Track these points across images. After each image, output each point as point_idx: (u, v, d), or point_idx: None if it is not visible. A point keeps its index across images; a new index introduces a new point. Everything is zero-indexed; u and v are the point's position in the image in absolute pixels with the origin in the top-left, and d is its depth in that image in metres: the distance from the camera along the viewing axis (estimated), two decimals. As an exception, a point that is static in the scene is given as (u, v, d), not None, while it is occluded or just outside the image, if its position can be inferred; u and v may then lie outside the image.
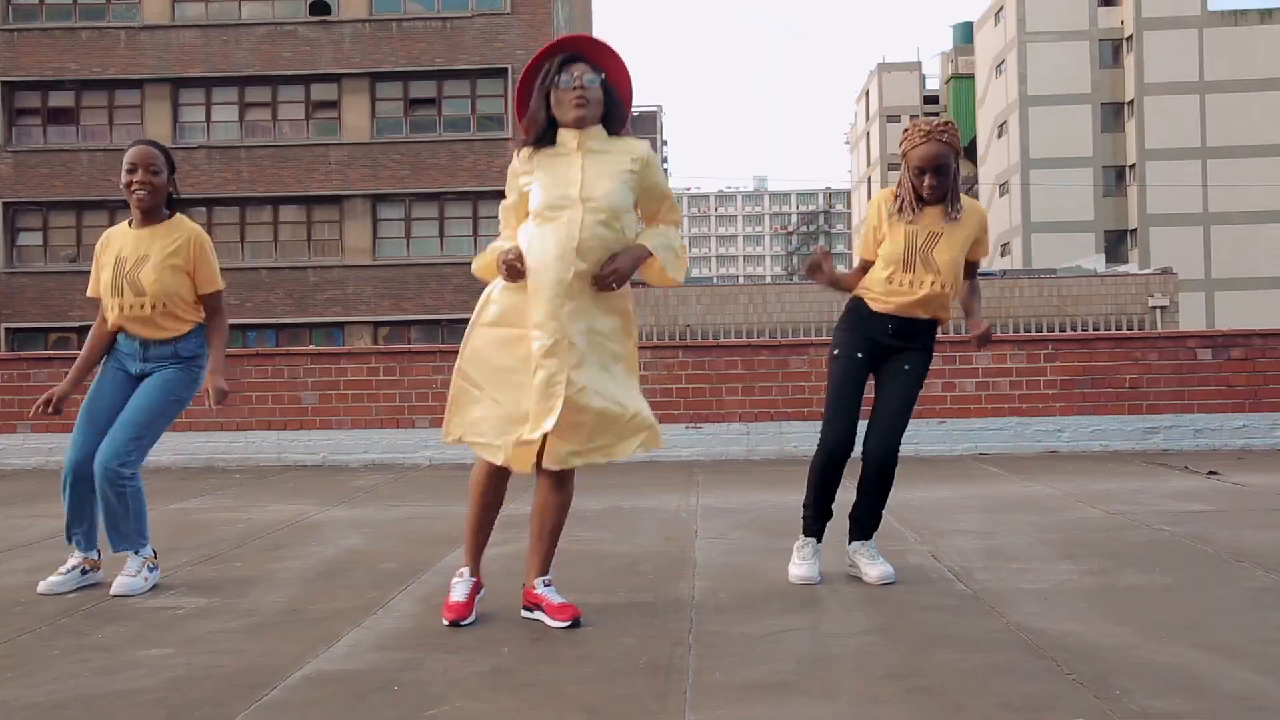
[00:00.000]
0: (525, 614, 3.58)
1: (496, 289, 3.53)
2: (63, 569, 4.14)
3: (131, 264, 4.08)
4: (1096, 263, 35.80)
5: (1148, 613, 3.52)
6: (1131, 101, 47.10)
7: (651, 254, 3.48)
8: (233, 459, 9.24)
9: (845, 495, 4.17)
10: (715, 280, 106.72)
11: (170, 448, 9.15)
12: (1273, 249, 45.34)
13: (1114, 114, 48.19)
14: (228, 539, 5.40)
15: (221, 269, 4.29)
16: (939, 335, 4.27)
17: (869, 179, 76.92)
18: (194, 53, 27.89)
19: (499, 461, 3.46)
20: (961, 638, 3.27)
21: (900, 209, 3.95)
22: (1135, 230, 47.08)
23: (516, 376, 3.43)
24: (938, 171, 3.85)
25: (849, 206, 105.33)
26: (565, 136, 3.52)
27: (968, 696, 2.73)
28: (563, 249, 3.38)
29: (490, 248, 3.57)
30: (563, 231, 3.40)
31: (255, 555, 4.94)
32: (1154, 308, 28.07)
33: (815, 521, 4.15)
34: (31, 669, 3.15)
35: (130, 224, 4.18)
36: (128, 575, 4.06)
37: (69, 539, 4.18)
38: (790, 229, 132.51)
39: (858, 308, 4.07)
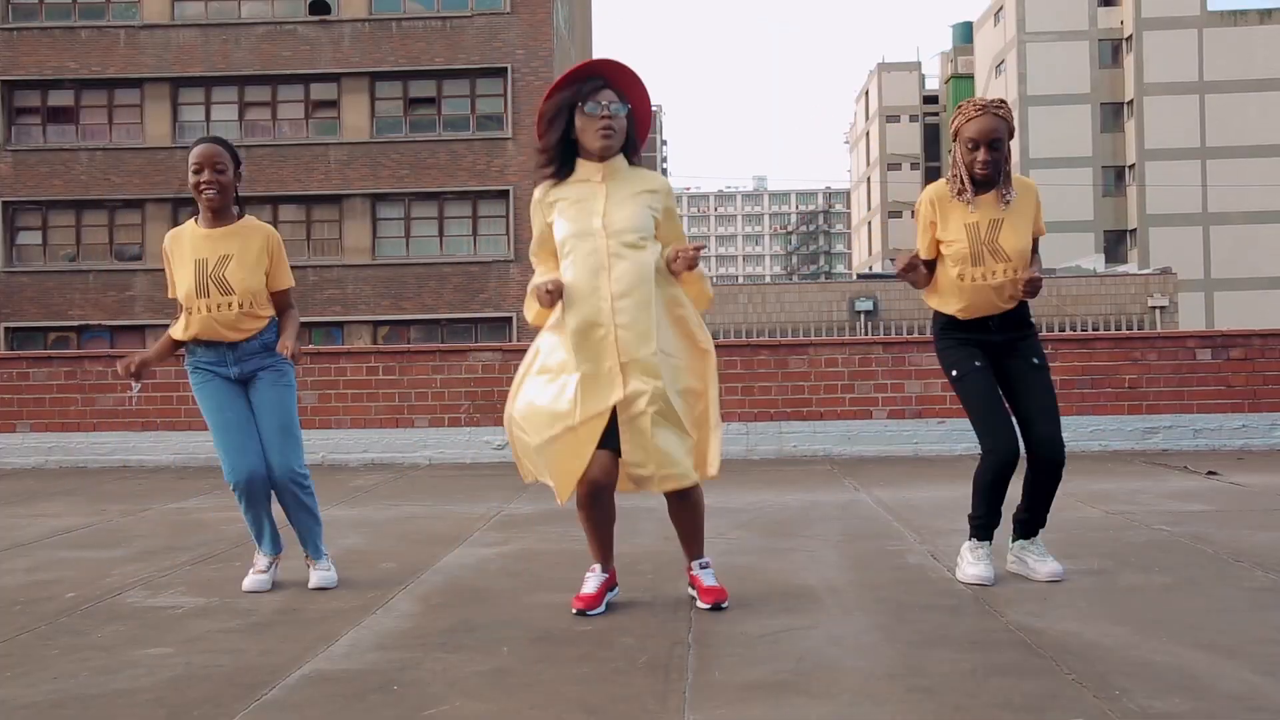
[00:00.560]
0: (689, 591, 3.77)
1: (545, 340, 3.58)
2: (260, 566, 4.26)
3: (214, 264, 4.00)
4: (1096, 263, 35.83)
5: (1147, 612, 3.52)
6: (1131, 101, 47.12)
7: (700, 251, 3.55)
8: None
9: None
10: (714, 280, 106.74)
11: (169, 447, 9.15)
12: (1272, 249, 45.36)
13: (1113, 114, 48.22)
14: (227, 538, 5.40)
15: None
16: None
17: (868, 179, 76.92)
18: (193, 52, 27.89)
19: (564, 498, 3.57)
20: (961, 637, 3.27)
21: (958, 193, 3.86)
22: (1135, 230, 47.10)
23: (568, 420, 3.48)
24: (991, 146, 3.78)
25: (848, 206, 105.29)
26: (588, 169, 3.54)
27: (967, 696, 2.73)
28: (593, 279, 3.44)
29: (531, 286, 3.61)
30: (591, 261, 3.45)
31: (255, 555, 4.93)
32: (1153, 308, 28.08)
33: (986, 530, 4.04)
34: (31, 668, 3.15)
35: (197, 222, 4.09)
36: (324, 571, 4.23)
37: (273, 546, 4.30)
38: (789, 229, 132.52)
39: (949, 324, 3.99)
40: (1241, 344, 8.95)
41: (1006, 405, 3.94)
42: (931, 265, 4.03)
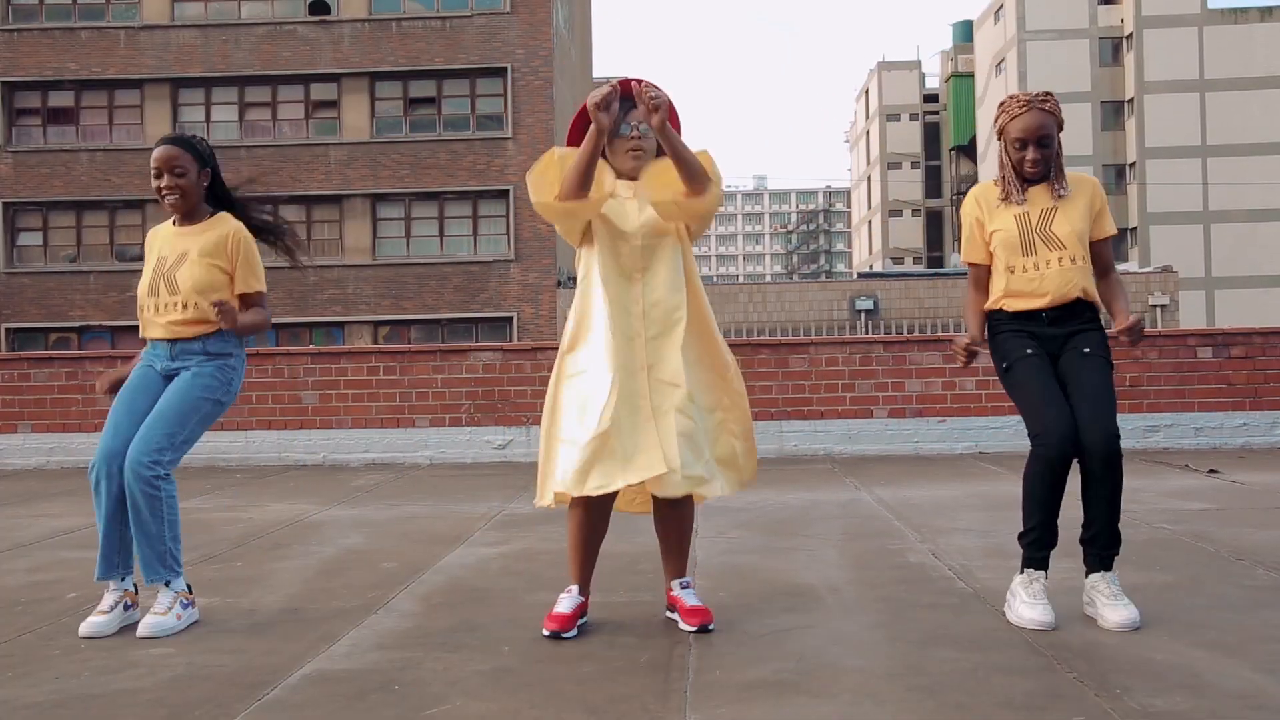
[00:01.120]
0: (668, 614, 3.56)
1: (581, 353, 3.45)
2: (103, 607, 3.65)
3: (171, 263, 3.78)
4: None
5: (1148, 611, 3.51)
6: (1131, 100, 47.09)
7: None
8: (233, 458, 9.24)
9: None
10: (715, 279, 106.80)
11: (170, 447, 9.14)
12: (1273, 247, 45.34)
13: (1114, 112, 48.19)
14: (228, 538, 5.40)
15: None
16: (940, 333, 4.16)
17: (869, 177, 76.91)
18: (193, 52, 27.89)
19: (577, 492, 3.33)
20: (962, 636, 3.27)
21: (1005, 196, 3.60)
22: (1135, 229, 47.08)
23: (599, 415, 3.33)
24: (1040, 144, 3.51)
25: (849, 205, 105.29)
26: (620, 187, 3.50)
27: (968, 695, 2.73)
28: (629, 279, 3.43)
29: (559, 153, 3.45)
30: (625, 259, 3.44)
31: (255, 555, 4.94)
32: (1154, 306, 28.06)
33: (1041, 548, 3.53)
34: (32, 668, 3.15)
35: (174, 222, 3.88)
36: (157, 613, 3.58)
37: (105, 569, 3.69)
38: (790, 228, 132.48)
39: (1001, 317, 3.65)
40: (1242, 342, 8.95)
41: (1062, 395, 3.53)
42: (981, 279, 3.74)
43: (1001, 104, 3.63)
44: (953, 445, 8.84)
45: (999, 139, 3.63)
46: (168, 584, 3.64)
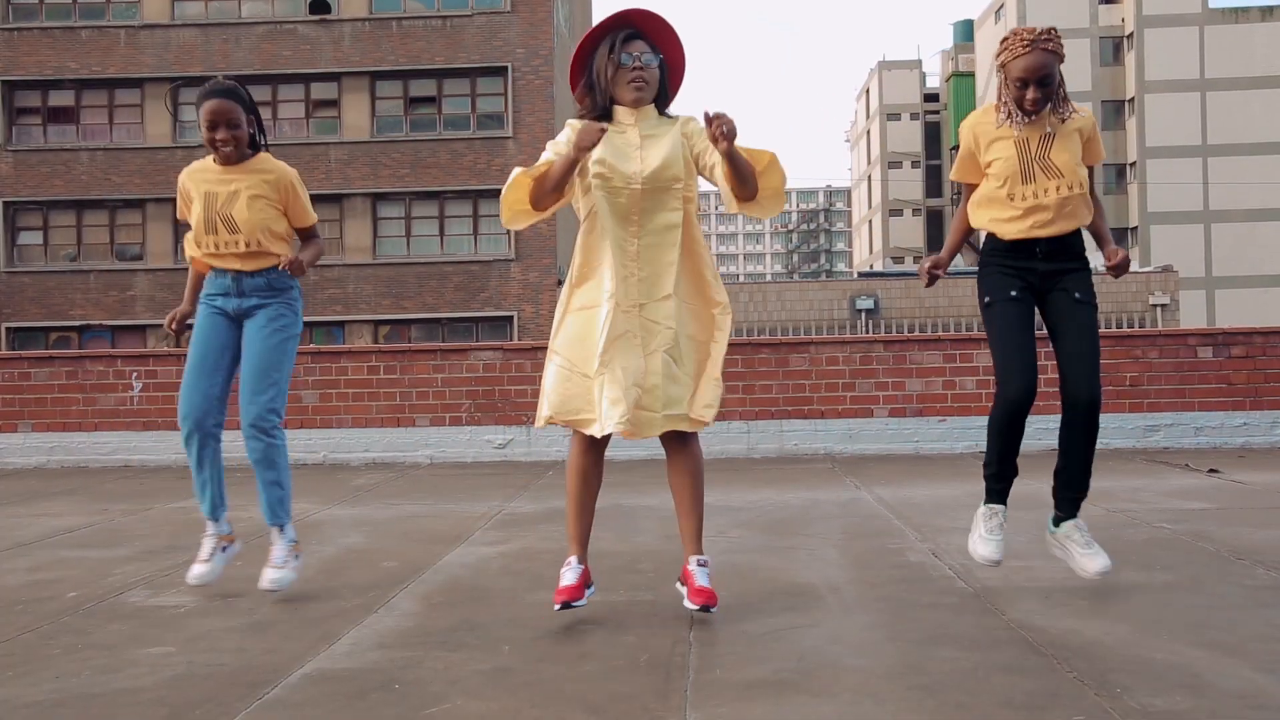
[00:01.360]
0: (679, 586, 3.61)
1: (577, 293, 3.54)
2: (203, 555, 4.03)
3: (223, 200, 3.95)
4: (1097, 261, 35.80)
5: (1148, 610, 3.51)
6: (1132, 99, 47.09)
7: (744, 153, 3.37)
8: (233, 457, 9.22)
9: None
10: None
11: (171, 447, 9.15)
12: (1273, 246, 45.34)
13: (1114, 111, 48.19)
14: (228, 538, 5.40)
15: None
16: (940, 332, 4.22)
17: (869, 177, 76.90)
18: (194, 52, 27.90)
19: (596, 432, 3.42)
20: (962, 636, 3.27)
21: (1008, 117, 3.63)
22: (1136, 228, 47.07)
23: (606, 352, 3.44)
24: (1041, 83, 3.56)
25: (849, 205, 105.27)
26: (621, 114, 3.54)
27: (968, 694, 2.73)
28: (625, 222, 3.48)
29: (538, 164, 3.51)
30: (622, 202, 3.47)
31: (256, 554, 4.94)
32: (1154, 305, 28.07)
33: (1000, 480, 3.80)
34: (33, 667, 3.15)
35: (214, 159, 4.02)
36: (275, 567, 3.92)
37: (210, 510, 4.05)
38: (790, 227, 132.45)
39: (995, 244, 3.72)
40: (1243, 341, 8.95)
41: (1033, 342, 3.69)
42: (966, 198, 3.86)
43: (1004, 40, 3.66)
44: (953, 445, 8.84)
45: (999, 73, 3.66)
46: (282, 529, 4.01)
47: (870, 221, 76.33)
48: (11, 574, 4.55)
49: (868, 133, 77.63)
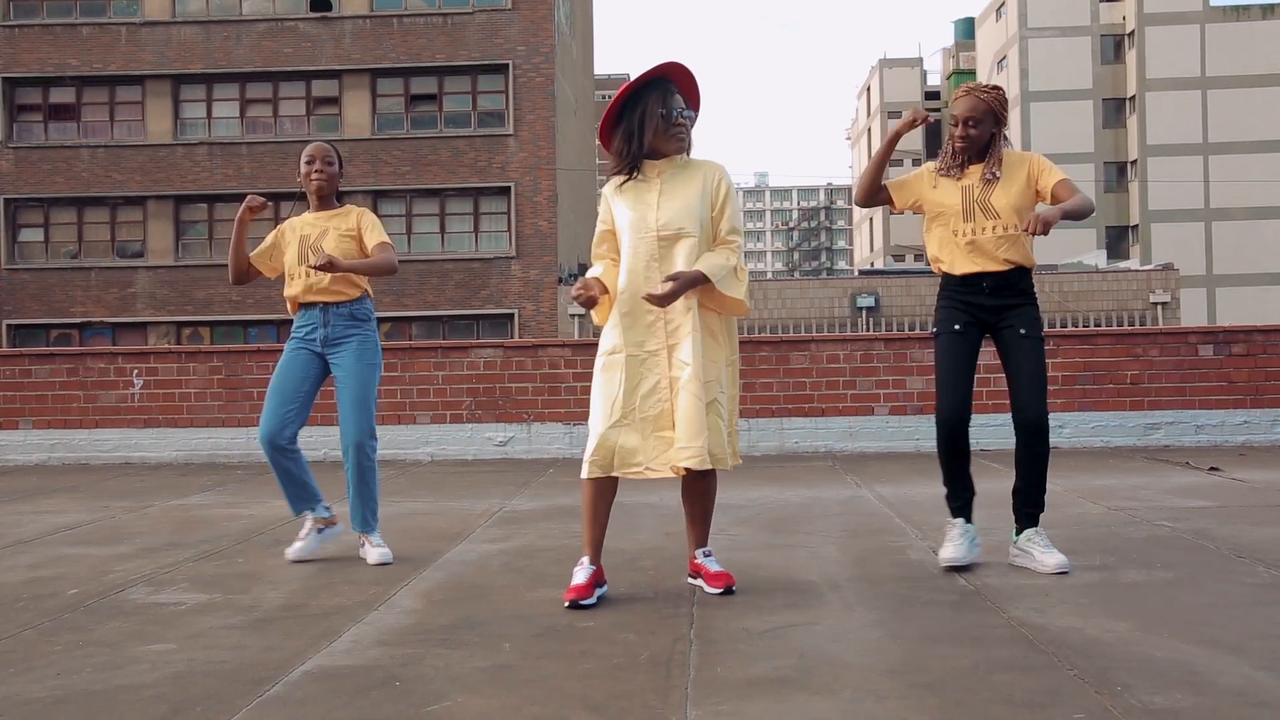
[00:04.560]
0: (690, 581, 3.95)
1: (607, 335, 3.80)
2: (301, 534, 4.66)
3: (315, 238, 4.57)
4: (1098, 259, 35.77)
5: (1148, 608, 3.52)
6: (1133, 97, 47.05)
7: (707, 279, 3.66)
8: (234, 455, 9.24)
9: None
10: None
11: (172, 444, 9.16)
12: (1274, 245, 45.32)
13: (1115, 109, 48.16)
14: (229, 535, 5.41)
15: (222, 266, 4.40)
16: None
17: (870, 175, 76.74)
18: (195, 49, 27.88)
19: (629, 475, 3.71)
20: (962, 633, 3.28)
21: (946, 168, 4.16)
22: (1136, 226, 47.05)
23: (612, 408, 3.70)
24: (967, 123, 4.09)
25: (850, 203, 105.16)
26: (646, 167, 3.78)
27: (969, 692, 2.73)
28: (646, 269, 3.70)
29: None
30: (642, 250, 3.71)
31: (257, 551, 4.95)
32: (1155, 303, 28.06)
33: (957, 498, 4.25)
34: (34, 664, 3.15)
35: (310, 208, 4.70)
36: (379, 547, 4.54)
37: (296, 507, 4.67)
38: (791, 225, 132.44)
39: (947, 280, 4.21)
40: (1244, 340, 8.95)
41: (969, 372, 4.15)
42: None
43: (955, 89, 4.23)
44: (954, 442, 8.83)
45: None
46: (372, 532, 4.62)
47: (871, 219, 76.30)
48: (12, 571, 4.55)
49: (869, 131, 77.58)
